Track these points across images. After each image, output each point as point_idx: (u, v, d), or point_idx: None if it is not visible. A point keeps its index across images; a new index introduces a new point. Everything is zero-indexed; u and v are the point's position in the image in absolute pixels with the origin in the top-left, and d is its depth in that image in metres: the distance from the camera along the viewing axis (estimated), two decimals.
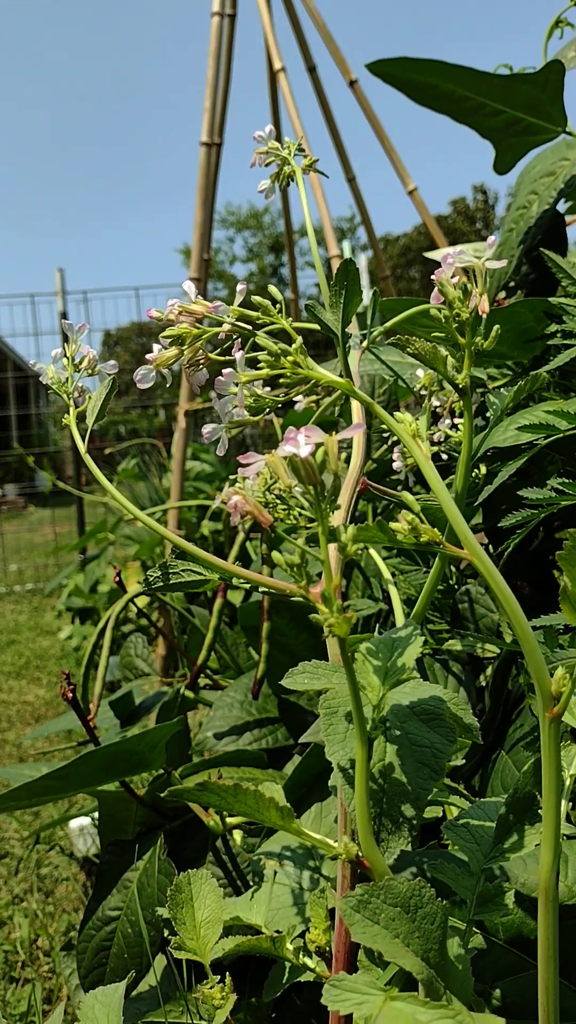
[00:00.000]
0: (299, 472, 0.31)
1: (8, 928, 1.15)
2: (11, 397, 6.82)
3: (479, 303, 0.37)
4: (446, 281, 0.38)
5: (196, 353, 0.42)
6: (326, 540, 0.31)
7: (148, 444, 3.31)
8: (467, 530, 0.35)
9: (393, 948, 0.31)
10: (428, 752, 0.36)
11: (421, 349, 0.40)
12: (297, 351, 0.38)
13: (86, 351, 0.49)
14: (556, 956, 0.33)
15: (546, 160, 0.88)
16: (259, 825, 0.76)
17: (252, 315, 0.42)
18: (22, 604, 3.83)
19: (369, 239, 2.01)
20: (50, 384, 0.48)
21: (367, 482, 0.48)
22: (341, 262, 0.42)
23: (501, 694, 0.72)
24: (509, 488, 0.66)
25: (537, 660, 0.32)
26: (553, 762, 0.33)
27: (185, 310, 0.42)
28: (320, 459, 0.31)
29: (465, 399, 0.38)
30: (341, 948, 0.41)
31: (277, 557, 0.32)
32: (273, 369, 0.39)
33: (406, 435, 0.38)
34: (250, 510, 0.36)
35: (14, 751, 1.82)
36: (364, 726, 0.34)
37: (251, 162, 0.55)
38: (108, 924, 0.73)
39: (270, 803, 0.37)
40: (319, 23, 1.74)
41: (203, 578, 0.43)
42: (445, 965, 0.33)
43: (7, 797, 0.71)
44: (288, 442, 0.30)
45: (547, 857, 0.33)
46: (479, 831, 0.41)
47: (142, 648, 1.16)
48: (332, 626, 0.31)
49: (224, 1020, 0.45)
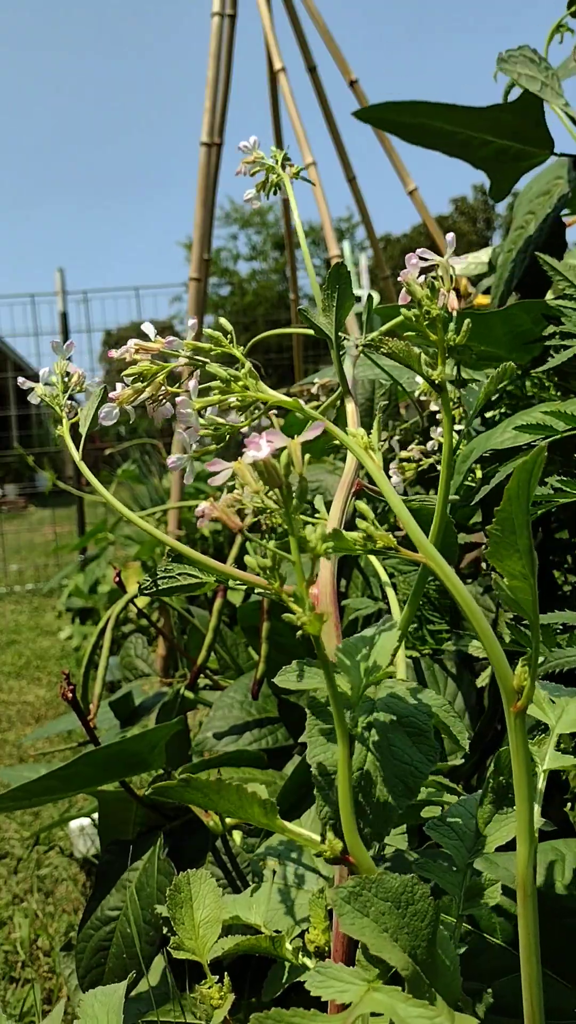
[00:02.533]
0: (263, 475, 0.32)
1: (8, 928, 1.15)
2: (11, 397, 6.82)
3: (447, 300, 0.38)
4: (412, 280, 0.39)
5: (157, 389, 0.43)
6: (296, 541, 0.31)
7: (148, 444, 3.31)
8: (419, 532, 0.35)
9: (380, 942, 0.31)
10: (407, 769, 0.36)
11: (395, 348, 0.40)
12: (246, 375, 0.39)
13: (74, 370, 0.51)
14: (537, 951, 0.33)
15: (542, 180, 0.90)
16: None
17: (205, 347, 0.43)
18: (22, 604, 3.83)
19: (370, 239, 2.01)
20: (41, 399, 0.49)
21: (362, 484, 0.48)
22: (333, 265, 0.43)
23: (500, 694, 0.72)
24: None
25: (497, 656, 0.33)
26: (522, 756, 0.33)
27: (141, 347, 0.44)
28: (284, 461, 0.31)
29: (443, 395, 0.39)
30: (339, 948, 0.41)
31: (249, 560, 0.32)
32: (224, 394, 0.40)
33: (358, 448, 0.39)
34: (218, 515, 0.37)
35: (14, 751, 1.82)
36: (344, 725, 0.34)
37: (236, 171, 0.55)
38: (107, 924, 0.74)
39: (252, 798, 0.37)
40: (319, 23, 1.74)
41: (200, 582, 0.43)
42: (434, 963, 0.33)
43: (6, 797, 0.71)
44: (251, 446, 0.31)
45: (523, 851, 0.33)
46: (461, 828, 0.41)
47: (142, 648, 1.16)
48: (304, 624, 0.31)
49: (223, 1020, 0.45)
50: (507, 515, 0.30)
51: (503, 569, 0.32)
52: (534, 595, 0.32)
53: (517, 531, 0.31)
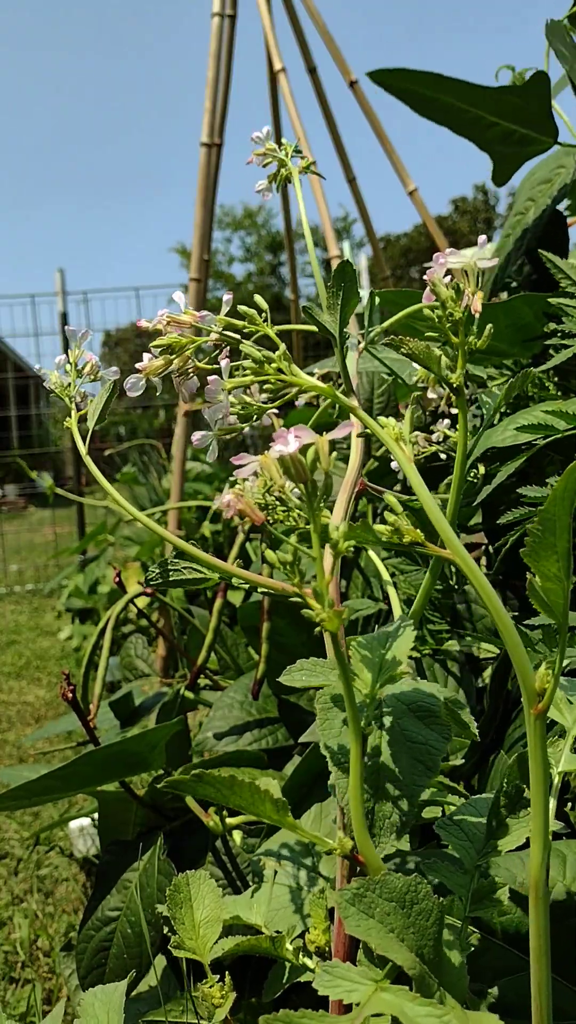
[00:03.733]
0: (290, 470, 0.31)
1: (8, 928, 1.15)
2: (11, 398, 6.82)
3: (472, 302, 0.38)
4: (438, 280, 0.38)
5: (186, 362, 0.42)
6: (318, 538, 0.31)
7: (148, 445, 3.31)
8: (449, 530, 0.34)
9: (387, 942, 0.31)
10: (423, 748, 0.36)
11: (415, 349, 0.40)
12: (280, 358, 0.38)
13: (89, 357, 0.50)
14: (548, 953, 0.33)
15: (544, 168, 0.90)
16: (259, 825, 0.76)
17: (239, 324, 0.42)
18: (22, 604, 3.83)
19: (370, 240, 2.01)
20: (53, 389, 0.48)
21: (365, 482, 0.48)
22: (339, 263, 0.43)
23: (500, 694, 0.72)
24: (508, 488, 0.66)
25: (521, 658, 0.32)
26: (540, 758, 0.33)
27: (173, 320, 0.43)
28: (311, 458, 0.31)
29: (460, 398, 0.39)
30: (340, 947, 0.41)
31: (271, 555, 0.32)
32: (257, 376, 0.39)
33: (389, 439, 0.38)
34: (242, 508, 0.36)
35: (14, 751, 1.82)
36: (358, 721, 0.34)
37: (247, 160, 0.55)
38: (108, 924, 0.73)
39: (266, 796, 0.37)
40: (319, 24, 1.74)
41: (203, 576, 0.43)
42: (440, 962, 0.33)
43: (7, 797, 0.71)
44: (278, 441, 0.31)
45: (536, 854, 0.33)
46: (472, 828, 0.41)
47: (142, 649, 1.16)
48: (323, 621, 0.31)
49: (224, 1019, 0.45)
50: (550, 516, 0.30)
51: (538, 570, 0.31)
52: (566, 598, 0.32)
53: (558, 533, 0.30)
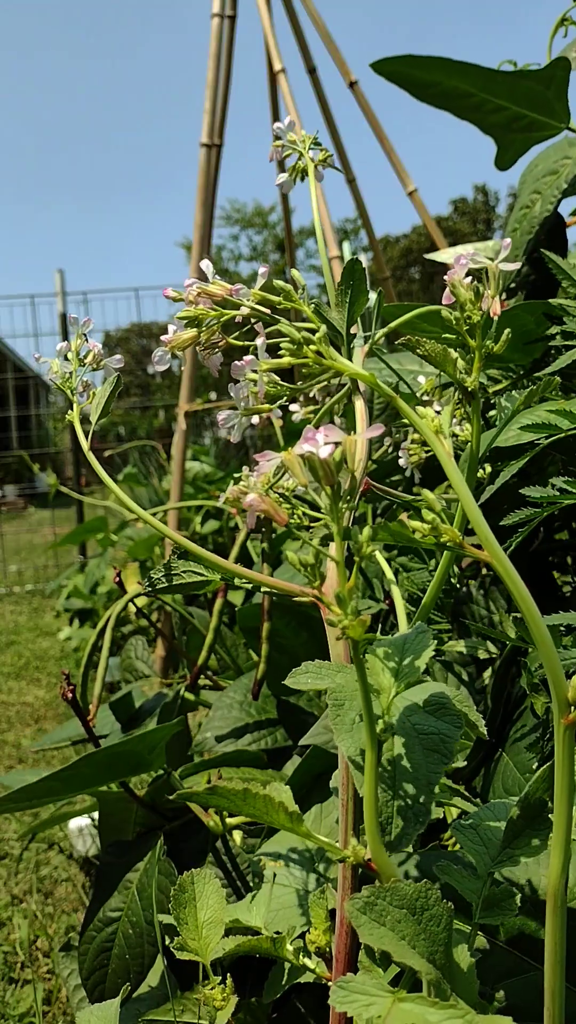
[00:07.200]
0: (316, 471, 0.30)
1: (7, 929, 1.15)
2: (11, 398, 6.82)
3: (491, 305, 0.37)
4: (459, 282, 0.37)
5: (213, 336, 0.41)
6: (341, 540, 0.30)
7: (148, 446, 3.31)
8: (488, 531, 0.33)
9: (400, 949, 0.31)
10: (436, 739, 0.35)
11: (431, 351, 0.39)
12: (321, 340, 0.36)
13: (92, 345, 0.48)
14: (563, 962, 0.32)
15: (548, 159, 0.88)
16: (258, 825, 0.76)
17: (273, 300, 0.40)
18: (22, 605, 3.83)
19: (369, 240, 2.01)
20: (54, 379, 0.47)
21: (370, 483, 0.48)
22: (348, 261, 0.42)
23: (502, 695, 0.72)
24: (510, 488, 0.66)
25: (554, 664, 0.31)
26: (566, 769, 0.32)
27: (204, 291, 0.41)
28: (338, 459, 0.30)
29: (474, 402, 0.38)
30: (342, 949, 0.40)
31: (292, 557, 0.31)
32: (296, 358, 0.37)
33: (428, 431, 0.36)
34: (266, 508, 0.35)
35: (14, 752, 1.82)
36: (374, 727, 0.33)
37: (269, 156, 0.55)
38: (109, 925, 0.73)
39: (280, 807, 0.37)
40: (319, 25, 1.74)
41: (205, 579, 0.43)
42: (450, 967, 0.32)
43: (7, 799, 0.71)
44: (307, 441, 0.30)
45: (556, 862, 0.32)
46: (488, 834, 0.40)
47: (142, 651, 1.16)
48: (347, 628, 0.30)
49: (225, 1021, 0.45)
50: None
51: None
52: None
53: None
